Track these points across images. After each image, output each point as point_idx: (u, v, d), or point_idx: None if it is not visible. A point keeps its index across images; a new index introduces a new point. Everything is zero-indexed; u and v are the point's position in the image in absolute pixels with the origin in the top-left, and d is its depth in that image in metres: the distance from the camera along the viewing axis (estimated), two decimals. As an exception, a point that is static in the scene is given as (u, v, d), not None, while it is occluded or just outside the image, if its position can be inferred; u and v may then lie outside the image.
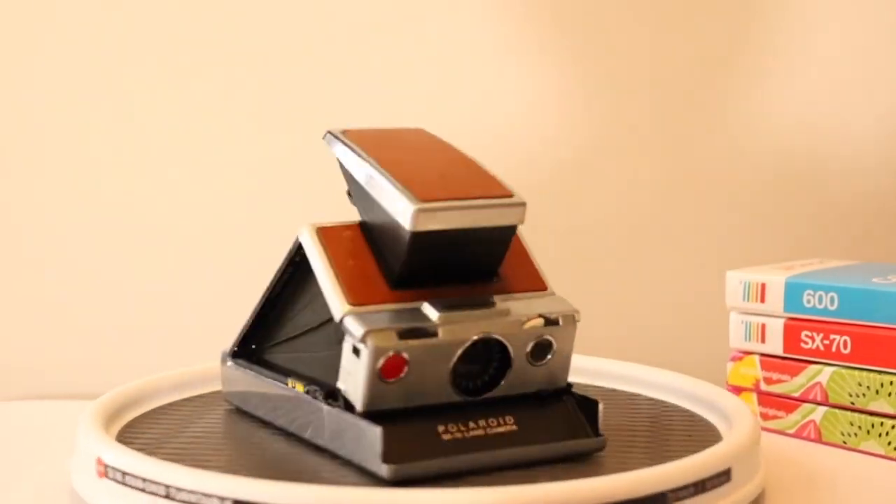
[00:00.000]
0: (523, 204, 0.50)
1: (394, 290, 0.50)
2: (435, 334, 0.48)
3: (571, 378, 0.52)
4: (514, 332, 0.50)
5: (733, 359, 0.66)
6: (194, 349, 0.77)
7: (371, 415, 0.48)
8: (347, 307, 0.49)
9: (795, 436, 0.63)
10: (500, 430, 0.50)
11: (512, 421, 0.50)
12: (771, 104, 0.80)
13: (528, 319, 0.50)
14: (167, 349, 0.78)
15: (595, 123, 0.79)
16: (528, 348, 0.50)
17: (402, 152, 0.53)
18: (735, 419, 0.54)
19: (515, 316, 0.50)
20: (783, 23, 0.79)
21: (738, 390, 0.66)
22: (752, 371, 0.65)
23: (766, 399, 0.65)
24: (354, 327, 0.48)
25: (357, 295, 0.49)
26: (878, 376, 0.60)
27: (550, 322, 0.50)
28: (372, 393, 0.48)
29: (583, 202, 0.80)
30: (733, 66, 0.80)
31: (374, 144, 0.53)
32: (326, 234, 0.52)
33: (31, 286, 0.78)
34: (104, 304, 0.78)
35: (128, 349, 0.78)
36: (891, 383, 0.60)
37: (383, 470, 0.47)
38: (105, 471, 0.49)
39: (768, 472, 0.54)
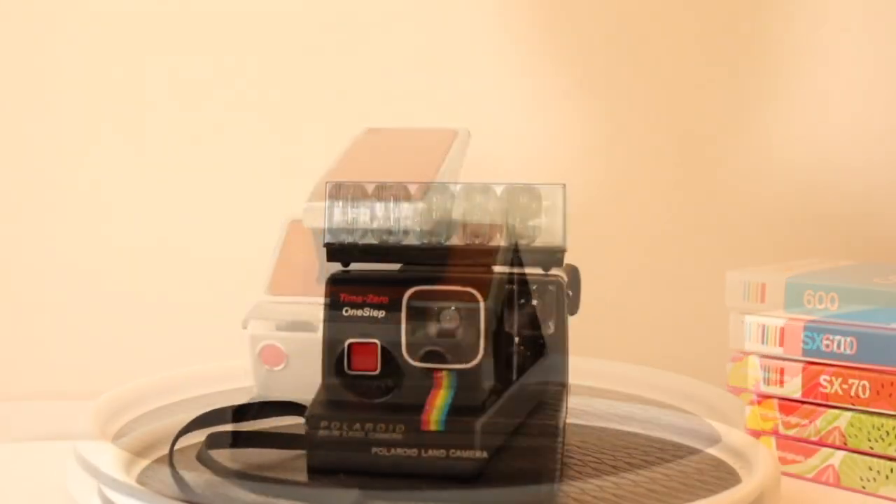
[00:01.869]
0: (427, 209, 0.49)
1: (322, 285, 0.50)
2: (316, 330, 0.49)
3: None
4: (404, 339, 0.48)
5: (733, 359, 0.66)
6: (193, 351, 0.77)
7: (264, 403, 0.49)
8: (267, 296, 0.52)
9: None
10: (382, 436, 0.47)
11: (402, 429, 0.47)
12: (773, 107, 0.80)
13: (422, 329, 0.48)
14: (166, 351, 0.78)
15: (595, 123, 0.79)
16: (419, 356, 0.48)
17: (376, 154, 0.53)
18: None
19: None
20: (785, 28, 0.79)
21: (737, 391, 0.65)
22: (751, 372, 0.65)
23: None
24: (247, 313, 0.50)
25: (280, 285, 0.52)
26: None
27: (443, 333, 0.48)
28: (260, 379, 0.49)
29: (582, 202, 0.79)
30: (737, 72, 0.80)
31: (364, 143, 0.53)
32: (294, 227, 0.54)
33: (31, 287, 0.78)
34: (103, 305, 0.78)
35: (126, 351, 0.78)
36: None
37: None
38: (100, 474, 0.49)
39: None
